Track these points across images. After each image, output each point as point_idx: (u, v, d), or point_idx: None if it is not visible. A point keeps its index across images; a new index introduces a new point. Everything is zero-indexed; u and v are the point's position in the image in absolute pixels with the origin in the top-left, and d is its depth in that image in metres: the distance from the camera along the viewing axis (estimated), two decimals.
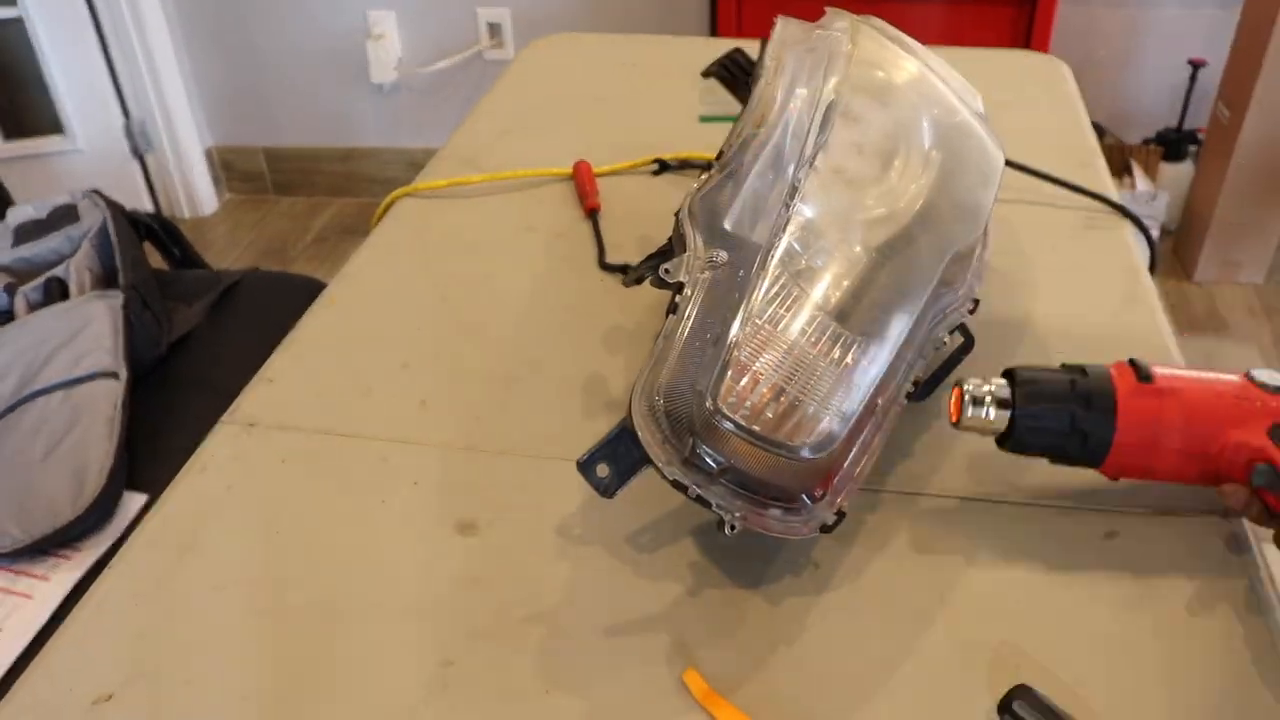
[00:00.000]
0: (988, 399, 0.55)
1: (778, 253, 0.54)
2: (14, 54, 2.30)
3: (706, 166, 0.96)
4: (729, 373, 0.51)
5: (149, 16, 2.37)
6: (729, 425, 0.50)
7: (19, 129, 2.39)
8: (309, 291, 0.88)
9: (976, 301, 0.61)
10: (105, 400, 0.97)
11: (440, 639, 0.53)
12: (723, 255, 0.55)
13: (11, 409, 0.97)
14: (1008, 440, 0.56)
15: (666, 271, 0.55)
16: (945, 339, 0.59)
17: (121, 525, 0.89)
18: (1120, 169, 2.27)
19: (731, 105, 0.84)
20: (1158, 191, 2.24)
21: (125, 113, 2.43)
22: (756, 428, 0.51)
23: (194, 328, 1.16)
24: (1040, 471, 0.61)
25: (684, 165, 0.97)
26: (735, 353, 0.51)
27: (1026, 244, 0.82)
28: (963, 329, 0.60)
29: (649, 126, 1.06)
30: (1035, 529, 0.58)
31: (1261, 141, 2.08)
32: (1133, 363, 0.55)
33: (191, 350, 1.14)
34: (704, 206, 0.58)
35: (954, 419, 0.56)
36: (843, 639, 0.53)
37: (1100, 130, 2.40)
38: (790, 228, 0.55)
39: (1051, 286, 0.78)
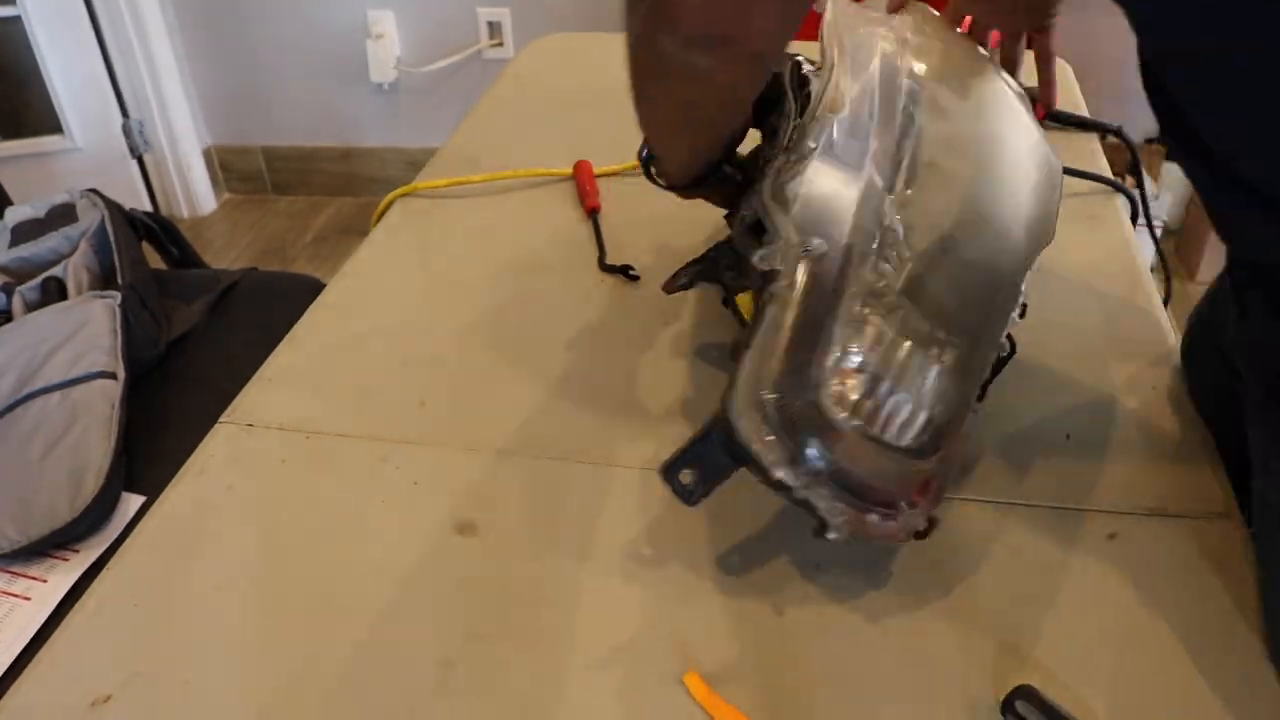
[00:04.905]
0: None
1: (878, 250, 0.52)
2: (12, 53, 2.30)
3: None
4: (845, 374, 0.49)
5: (147, 15, 2.36)
6: (854, 425, 0.48)
7: (17, 128, 2.39)
8: (308, 291, 0.87)
9: (1025, 305, 0.59)
10: (103, 400, 0.97)
11: (440, 639, 0.53)
12: (819, 244, 0.52)
13: (9, 409, 0.97)
14: None
15: (761, 259, 0.52)
16: (1005, 344, 0.57)
17: (120, 526, 0.89)
18: (1123, 169, 2.27)
19: None
20: (1160, 191, 2.24)
21: (124, 112, 2.42)
22: (874, 428, 0.49)
23: (193, 328, 1.16)
24: (1041, 472, 0.61)
25: None
26: (849, 354, 0.49)
27: None
28: (1008, 336, 0.58)
29: None
30: (1036, 529, 0.58)
31: None
32: None
33: (190, 350, 1.13)
34: (787, 193, 0.54)
35: None
36: (844, 640, 0.52)
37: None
38: (889, 225, 0.53)
39: (1052, 286, 0.77)
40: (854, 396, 0.49)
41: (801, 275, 0.51)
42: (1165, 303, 0.77)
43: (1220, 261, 0.59)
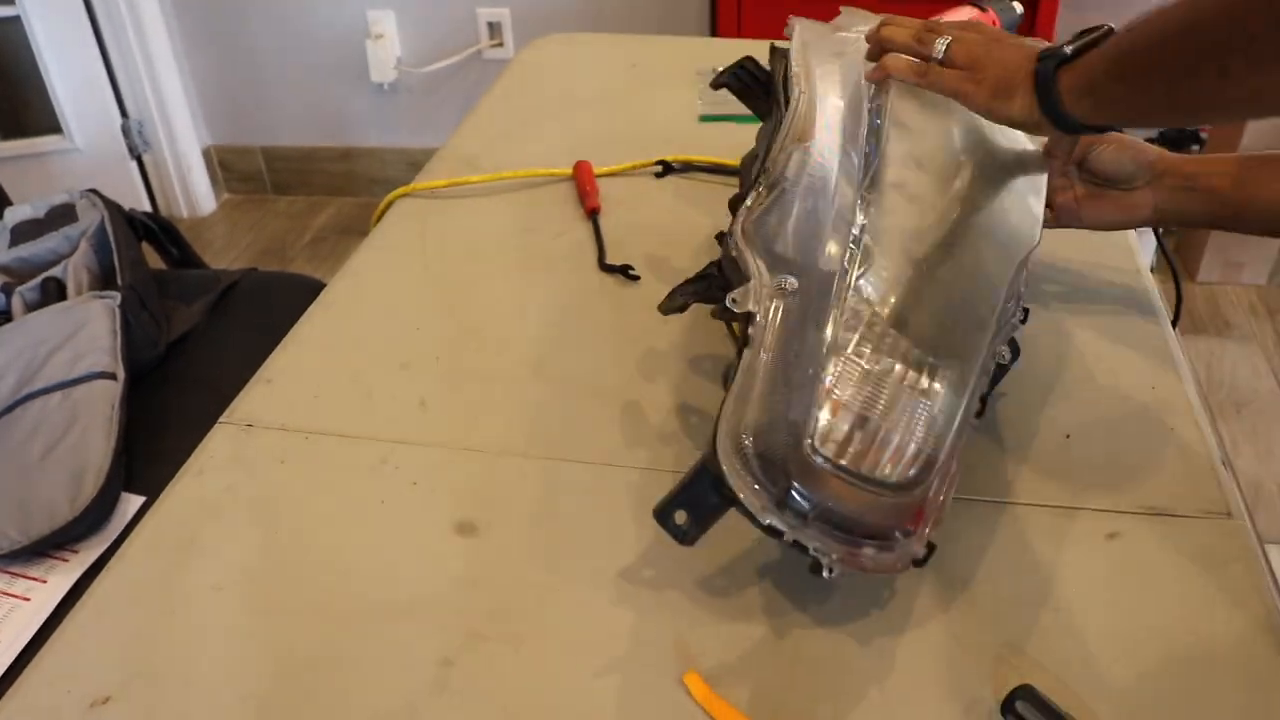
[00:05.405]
0: None
1: (851, 280, 0.52)
2: (12, 53, 2.30)
3: (711, 169, 0.96)
4: (825, 411, 0.49)
5: (147, 15, 2.36)
6: (830, 466, 0.48)
7: (17, 128, 2.39)
8: (308, 291, 0.87)
9: (1027, 311, 0.58)
10: (103, 401, 0.97)
11: (440, 639, 0.53)
12: (792, 281, 0.52)
13: (9, 410, 0.97)
14: None
15: (734, 301, 0.52)
16: (1005, 353, 0.56)
17: (119, 526, 0.89)
18: None
19: (731, 104, 0.84)
20: None
21: (123, 112, 2.42)
22: (858, 467, 0.48)
23: (192, 328, 1.16)
24: (1041, 472, 0.61)
25: (688, 168, 0.97)
26: (829, 391, 0.49)
27: None
28: (1011, 342, 0.57)
29: (649, 127, 1.06)
30: (1036, 529, 0.58)
31: (1264, 141, 2.08)
32: None
33: (190, 351, 1.13)
34: (758, 230, 0.55)
35: None
36: (844, 640, 0.52)
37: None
38: (860, 252, 0.53)
39: (1052, 287, 0.78)
40: (838, 434, 0.48)
41: (775, 314, 0.51)
42: (1178, 306, 0.76)
43: (1220, 261, 0.59)
